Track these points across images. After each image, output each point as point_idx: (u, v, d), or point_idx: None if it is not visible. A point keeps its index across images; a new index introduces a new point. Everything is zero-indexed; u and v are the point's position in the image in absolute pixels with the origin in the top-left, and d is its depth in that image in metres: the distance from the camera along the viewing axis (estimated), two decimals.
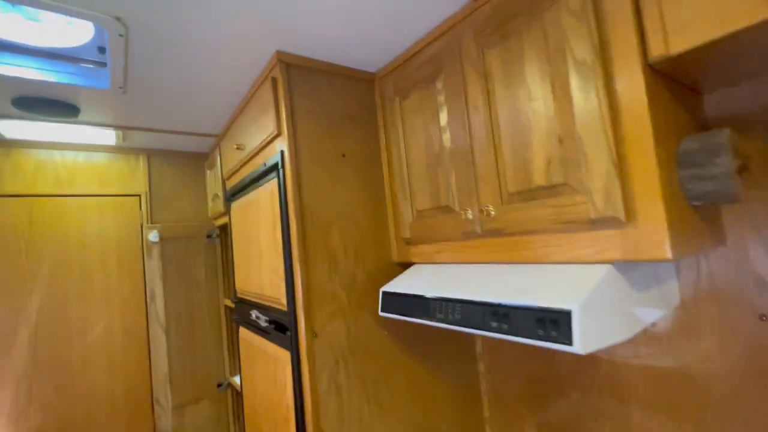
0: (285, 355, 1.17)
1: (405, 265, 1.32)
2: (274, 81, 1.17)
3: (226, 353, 2.03)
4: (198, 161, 2.11)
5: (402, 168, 1.22)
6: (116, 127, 1.63)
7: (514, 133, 0.87)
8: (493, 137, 0.92)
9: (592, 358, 1.13)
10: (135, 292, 1.84)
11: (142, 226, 1.88)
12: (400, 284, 1.13)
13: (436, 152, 1.09)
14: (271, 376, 1.27)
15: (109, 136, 1.72)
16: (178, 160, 2.04)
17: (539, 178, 0.82)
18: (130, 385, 1.77)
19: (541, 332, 0.70)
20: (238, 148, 1.42)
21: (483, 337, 1.47)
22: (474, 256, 1.01)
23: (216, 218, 2.00)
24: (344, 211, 1.21)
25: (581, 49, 0.73)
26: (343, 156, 1.24)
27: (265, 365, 1.32)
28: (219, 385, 1.99)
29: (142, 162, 1.92)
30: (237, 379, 1.96)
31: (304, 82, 1.19)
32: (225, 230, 2.12)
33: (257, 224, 1.34)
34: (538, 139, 0.82)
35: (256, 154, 1.35)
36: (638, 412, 1.02)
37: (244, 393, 1.58)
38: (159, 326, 1.80)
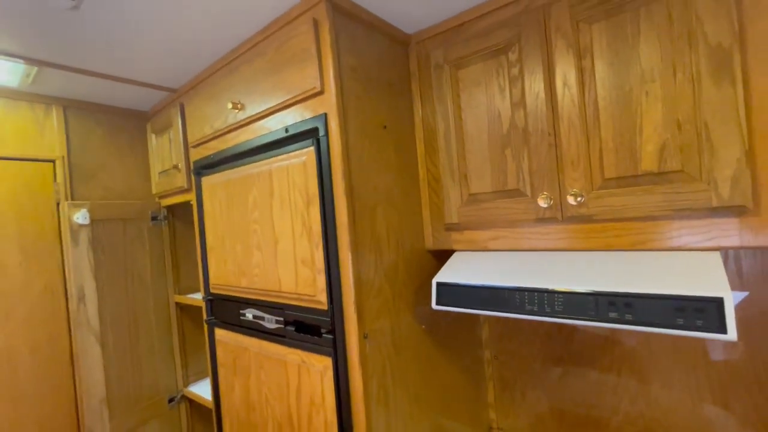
0: (321, 362, 0.97)
1: (438, 253, 1.21)
2: (316, 24, 0.92)
3: (178, 360, 1.66)
4: (136, 122, 1.63)
5: (450, 146, 1.10)
6: (27, 60, 1.14)
7: (620, 116, 0.83)
8: (586, 118, 0.87)
9: (613, 338, 1.19)
10: (50, 293, 1.35)
11: (58, 204, 1.38)
12: (458, 274, 1.03)
13: (504, 131, 1.00)
14: (292, 386, 1.05)
15: (9, 73, 1.20)
16: (108, 118, 1.54)
17: (649, 164, 0.80)
18: (47, 421, 1.31)
19: (681, 321, 0.68)
20: (234, 108, 1.12)
21: (490, 324, 1.46)
22: (545, 244, 0.96)
23: (166, 196, 1.59)
24: (386, 192, 1.05)
25: (717, 33, 0.71)
26: (385, 128, 1.06)
27: (279, 375, 1.09)
28: (171, 401, 1.62)
29: (55, 116, 1.40)
30: (195, 390, 1.62)
31: (346, 32, 0.97)
32: (174, 211, 1.70)
33: (267, 204, 1.08)
34: (651, 123, 0.79)
35: (266, 116, 1.08)
36: (657, 388, 1.10)
37: (226, 408, 1.30)
38: (92, 336, 1.37)
